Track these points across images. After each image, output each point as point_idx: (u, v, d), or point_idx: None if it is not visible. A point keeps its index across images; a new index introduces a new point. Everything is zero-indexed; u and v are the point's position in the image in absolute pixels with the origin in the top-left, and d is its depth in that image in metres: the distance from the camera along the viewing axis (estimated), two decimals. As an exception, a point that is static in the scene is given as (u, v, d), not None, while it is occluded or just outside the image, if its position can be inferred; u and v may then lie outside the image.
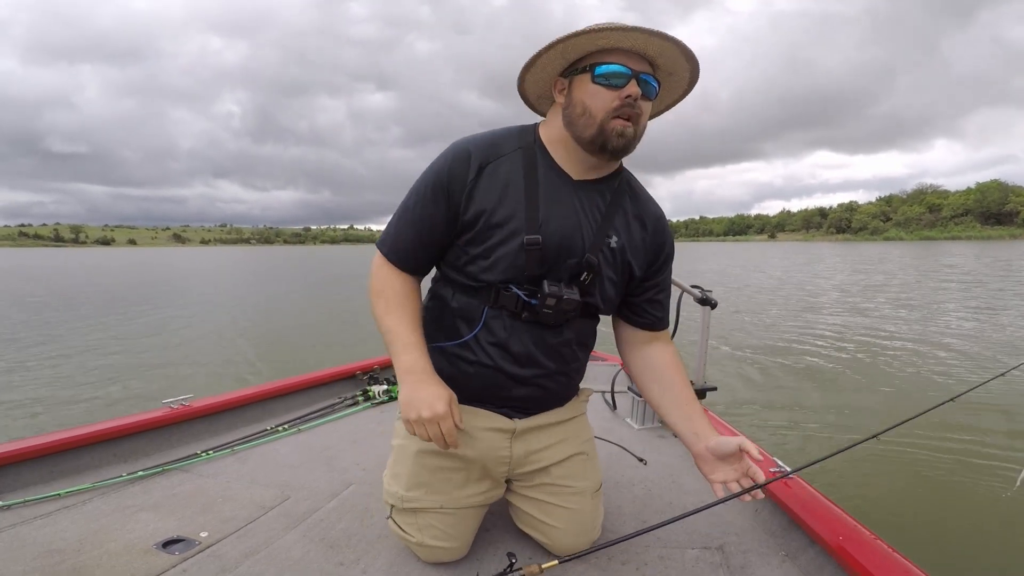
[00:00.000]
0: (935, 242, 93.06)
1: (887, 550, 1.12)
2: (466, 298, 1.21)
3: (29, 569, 1.26)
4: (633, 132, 1.13)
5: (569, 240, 1.17)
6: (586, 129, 1.13)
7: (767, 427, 4.25)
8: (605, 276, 1.23)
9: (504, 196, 1.15)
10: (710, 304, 2.15)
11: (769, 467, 1.51)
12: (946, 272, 21.21)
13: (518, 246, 1.14)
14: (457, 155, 1.17)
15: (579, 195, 1.20)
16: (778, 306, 11.44)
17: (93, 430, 1.82)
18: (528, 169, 1.17)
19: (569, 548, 1.31)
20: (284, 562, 1.32)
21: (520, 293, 1.16)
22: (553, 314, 1.17)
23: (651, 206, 1.30)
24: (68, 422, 4.35)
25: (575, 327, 1.25)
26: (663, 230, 1.30)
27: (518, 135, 1.22)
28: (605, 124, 1.11)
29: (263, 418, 2.32)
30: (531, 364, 1.23)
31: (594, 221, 1.20)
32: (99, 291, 15.10)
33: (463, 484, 1.29)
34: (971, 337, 7.83)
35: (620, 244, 1.23)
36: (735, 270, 26.09)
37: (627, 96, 1.09)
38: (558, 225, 1.16)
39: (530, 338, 1.21)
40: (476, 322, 1.21)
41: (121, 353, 7.00)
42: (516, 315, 1.18)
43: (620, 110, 1.10)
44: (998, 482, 3.25)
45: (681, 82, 1.21)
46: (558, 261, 1.17)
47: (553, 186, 1.18)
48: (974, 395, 4.85)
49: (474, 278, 1.19)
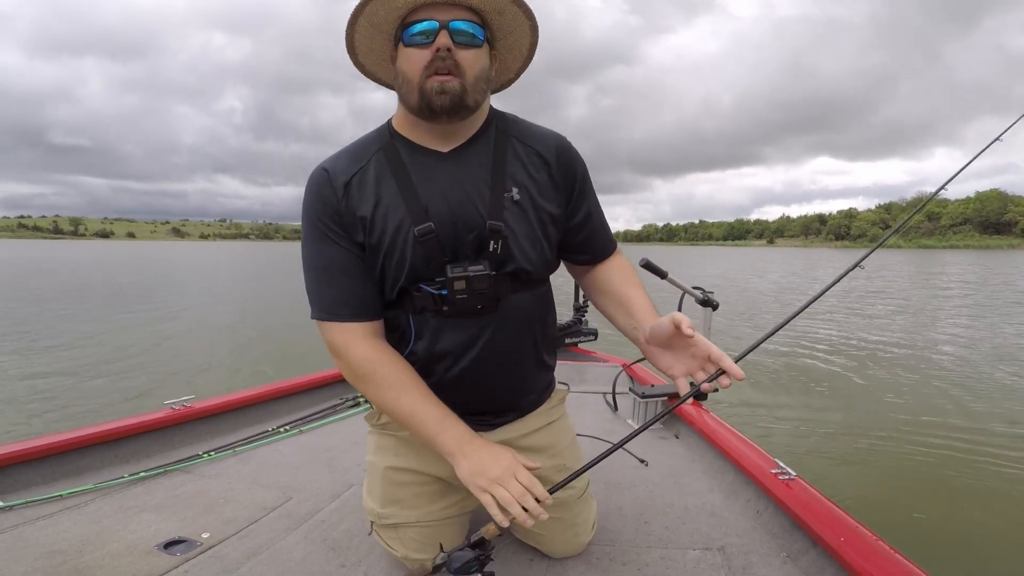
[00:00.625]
0: (933, 251, 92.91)
1: (889, 551, 1.11)
2: (392, 313, 1.15)
3: (31, 570, 1.26)
4: (459, 86, 1.02)
5: (462, 214, 1.08)
6: (410, 97, 1.05)
7: (771, 429, 4.24)
8: (519, 235, 1.11)
9: (380, 200, 1.08)
10: (712, 305, 2.15)
11: (771, 468, 1.51)
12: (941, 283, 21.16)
13: (412, 241, 1.07)
14: (319, 183, 1.10)
15: (456, 165, 1.11)
16: (777, 310, 11.44)
17: (95, 431, 1.82)
18: (393, 164, 1.10)
19: (564, 553, 1.32)
20: (286, 563, 1.32)
21: (429, 289, 1.09)
22: (471, 298, 1.08)
23: (547, 138, 1.17)
24: (69, 422, 4.35)
25: (514, 303, 1.14)
26: (568, 155, 1.18)
27: (376, 137, 1.15)
28: (423, 86, 1.02)
29: (265, 419, 2.32)
30: (476, 361, 1.14)
31: (484, 183, 1.10)
32: (94, 289, 15.12)
33: (437, 497, 1.25)
34: (963, 342, 7.82)
35: (524, 193, 1.12)
36: (735, 274, 26.05)
37: (437, 49, 1.00)
38: (444, 204, 1.08)
39: (465, 333, 1.12)
40: (408, 335, 1.14)
41: (120, 352, 7.01)
42: (439, 313, 1.10)
43: (432, 66, 1.01)
44: (1001, 483, 3.25)
45: (518, 23, 1.10)
46: (458, 240, 1.08)
47: (425, 168, 1.10)
48: (973, 397, 4.84)
49: (388, 290, 1.12)
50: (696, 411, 2.06)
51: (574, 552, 1.34)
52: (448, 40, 1.00)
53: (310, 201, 1.11)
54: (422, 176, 1.09)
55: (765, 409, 4.72)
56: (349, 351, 1.11)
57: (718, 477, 1.77)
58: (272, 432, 2.18)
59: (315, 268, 1.12)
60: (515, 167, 1.13)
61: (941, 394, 5.13)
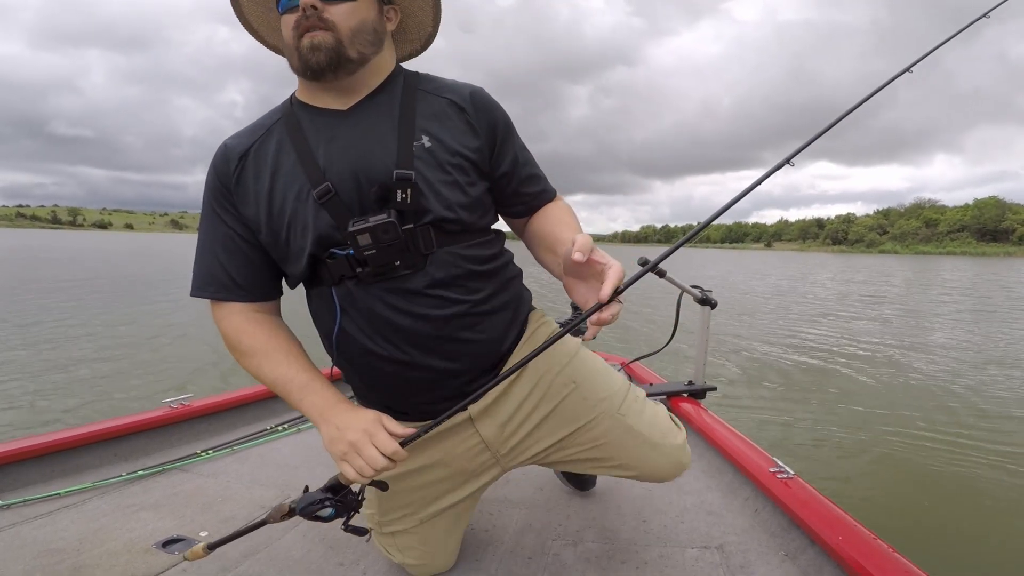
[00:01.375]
0: (930, 257, 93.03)
1: (887, 550, 1.12)
2: (315, 291, 1.09)
3: (29, 568, 1.26)
4: (331, 39, 0.97)
5: (364, 168, 1.00)
6: (292, 60, 1.01)
7: (769, 428, 4.25)
8: (434, 181, 1.01)
9: (278, 167, 1.03)
10: (710, 304, 2.15)
11: (769, 467, 1.51)
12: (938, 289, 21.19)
13: (312, 204, 1.00)
14: (216, 157, 1.07)
15: (357, 120, 1.04)
16: (776, 311, 11.47)
17: (93, 429, 1.82)
18: (292, 129, 1.05)
19: (663, 468, 1.19)
20: (284, 562, 1.32)
21: (339, 252, 1.00)
22: (381, 252, 0.97)
23: (459, 87, 1.10)
24: (67, 421, 4.35)
25: (445, 258, 1.03)
26: (484, 101, 1.10)
27: (279, 109, 1.10)
28: (297, 46, 0.98)
29: (263, 417, 2.32)
30: (415, 323, 1.02)
31: (389, 133, 1.02)
32: (89, 282, 15.09)
33: (441, 496, 1.19)
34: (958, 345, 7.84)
35: (434, 139, 1.03)
36: (737, 276, 26.08)
37: (302, 9, 0.96)
38: (344, 160, 1.01)
39: (395, 296, 1.01)
40: (334, 310, 1.05)
41: (118, 351, 7.00)
42: (358, 278, 1.01)
43: (300, 25, 0.97)
44: (999, 482, 3.26)
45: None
46: (361, 195, 1.00)
47: (324, 128, 1.04)
48: (984, 399, 4.85)
49: (297, 266, 1.05)
50: (695, 409, 2.07)
51: (670, 472, 1.21)
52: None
53: (208, 176, 1.08)
54: (321, 137, 1.03)
55: (763, 408, 4.73)
56: (220, 326, 1.09)
57: (716, 476, 1.77)
58: (270, 431, 2.18)
59: (199, 243, 1.09)
60: (425, 117, 1.05)
61: (939, 394, 5.14)
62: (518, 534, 1.45)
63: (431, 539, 1.23)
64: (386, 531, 1.23)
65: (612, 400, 1.17)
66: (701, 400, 2.17)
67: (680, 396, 2.20)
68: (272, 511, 1.04)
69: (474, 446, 1.14)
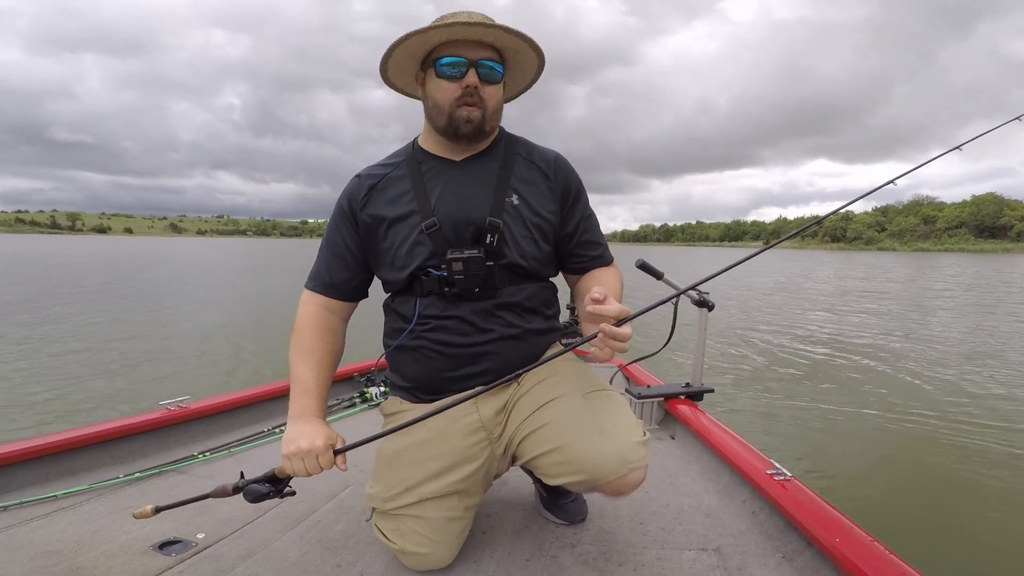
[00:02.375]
0: (928, 254, 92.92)
1: (884, 552, 1.12)
2: (402, 298, 1.33)
3: (26, 570, 1.26)
4: (480, 115, 1.23)
5: (465, 212, 1.25)
6: (439, 119, 1.25)
7: (767, 430, 4.26)
8: (516, 234, 1.28)
9: (399, 201, 1.29)
10: (707, 306, 2.16)
11: (766, 469, 1.51)
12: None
13: (420, 234, 1.25)
14: (351, 185, 1.34)
15: (466, 172, 1.30)
16: (774, 311, 11.48)
17: (89, 432, 1.82)
18: (413, 171, 1.31)
19: (607, 456, 1.15)
20: (281, 563, 1.32)
21: (435, 272, 1.26)
22: (467, 278, 1.23)
23: (545, 153, 1.36)
24: (64, 423, 4.34)
25: (510, 292, 1.29)
26: (563, 169, 1.35)
27: (404, 151, 1.37)
28: (452, 113, 1.23)
29: (260, 420, 2.31)
30: (474, 333, 1.27)
31: (488, 188, 1.28)
32: (85, 289, 15.06)
33: (438, 474, 1.27)
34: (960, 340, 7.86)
35: (522, 200, 1.29)
36: (738, 272, 26.10)
37: (467, 86, 1.20)
38: (450, 203, 1.26)
39: (467, 309, 1.27)
40: (411, 315, 1.30)
41: (118, 352, 6.98)
42: (443, 295, 1.27)
43: (462, 99, 1.21)
44: (996, 483, 3.27)
45: (529, 58, 1.29)
46: (459, 233, 1.25)
47: (439, 173, 1.30)
48: (981, 402, 4.86)
49: (398, 276, 1.29)
50: (692, 411, 2.07)
51: (615, 466, 1.15)
52: (476, 79, 1.20)
53: (344, 191, 1.35)
54: (436, 181, 1.29)
55: (763, 410, 4.74)
56: (300, 308, 1.35)
57: (714, 478, 1.77)
58: (268, 433, 2.18)
59: (323, 244, 1.37)
60: (518, 178, 1.31)
61: (936, 394, 5.15)
62: (515, 536, 1.46)
63: (433, 525, 1.26)
64: (390, 508, 1.28)
65: (584, 387, 1.29)
66: (698, 402, 2.18)
67: (677, 398, 2.20)
68: (216, 489, 1.24)
69: (471, 423, 1.29)
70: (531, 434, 1.24)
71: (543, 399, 1.26)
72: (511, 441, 1.29)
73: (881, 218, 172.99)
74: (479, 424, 1.29)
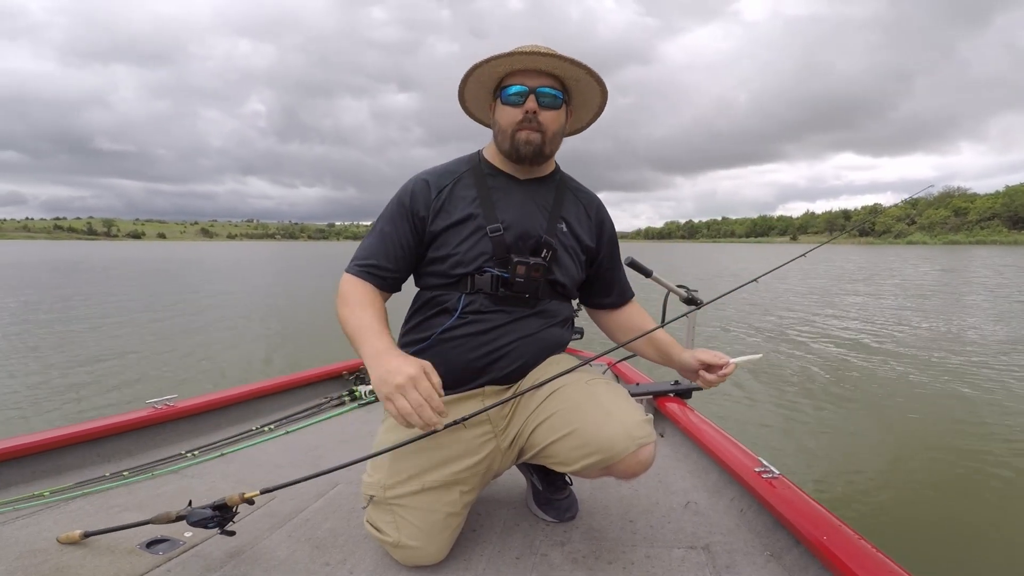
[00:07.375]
0: (960, 247, 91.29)
1: (871, 550, 1.13)
2: (445, 293, 1.38)
3: (11, 569, 1.24)
4: (540, 139, 1.35)
5: (527, 225, 1.38)
6: (503, 142, 1.38)
7: (755, 427, 4.28)
8: (562, 256, 1.42)
9: (465, 205, 1.37)
10: (695, 304, 2.17)
11: (754, 467, 1.52)
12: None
13: (484, 237, 1.34)
14: (417, 184, 1.40)
15: (527, 191, 1.43)
16: (772, 310, 11.54)
17: (76, 430, 1.80)
18: (478, 181, 1.41)
19: (617, 436, 1.22)
20: (269, 562, 1.31)
21: (494, 271, 1.34)
22: (525, 282, 1.34)
23: (590, 196, 1.54)
24: (55, 421, 4.30)
25: (547, 305, 1.41)
26: (603, 215, 1.55)
27: (466, 160, 1.46)
28: (514, 136, 1.35)
29: (249, 418, 2.30)
30: (509, 334, 1.36)
31: (544, 211, 1.42)
32: (94, 295, 14.92)
33: (444, 463, 1.30)
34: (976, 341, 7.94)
35: (570, 228, 1.45)
36: (741, 273, 26.21)
37: (527, 111, 1.32)
38: (515, 215, 1.38)
39: (511, 312, 1.36)
40: (454, 310, 1.35)
41: (122, 353, 6.92)
42: (492, 295, 1.35)
43: (523, 123, 1.33)
44: (983, 482, 3.30)
45: (590, 87, 1.41)
46: (519, 242, 1.37)
47: (504, 187, 1.42)
48: (969, 399, 4.90)
49: (449, 274, 1.36)
50: (681, 409, 2.08)
51: (625, 443, 1.21)
52: (535, 104, 1.32)
53: (406, 190, 1.39)
54: (501, 193, 1.41)
55: (749, 408, 4.76)
56: (341, 286, 1.35)
57: (702, 476, 1.78)
58: (256, 431, 2.17)
59: (373, 231, 1.41)
60: (568, 210, 1.47)
61: (930, 393, 5.19)
62: (505, 534, 1.46)
63: (430, 518, 1.27)
64: (390, 496, 1.28)
65: (583, 376, 1.36)
66: (687, 400, 2.19)
67: (666, 396, 2.21)
68: (158, 515, 1.25)
69: (477, 416, 1.29)
70: (541, 424, 1.31)
71: (548, 390, 1.32)
72: (520, 433, 1.34)
73: (911, 211, 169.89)
74: (484, 417, 1.33)
